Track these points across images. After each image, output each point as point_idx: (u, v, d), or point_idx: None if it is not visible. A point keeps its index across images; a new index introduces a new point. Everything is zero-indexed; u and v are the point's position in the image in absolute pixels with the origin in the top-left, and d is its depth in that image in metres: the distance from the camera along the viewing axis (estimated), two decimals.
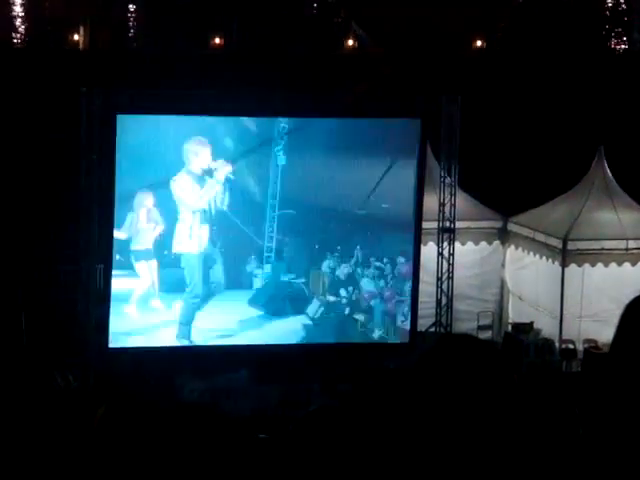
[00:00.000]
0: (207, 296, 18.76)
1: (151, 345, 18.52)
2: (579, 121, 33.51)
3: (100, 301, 18.28)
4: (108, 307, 18.30)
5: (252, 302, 19.13)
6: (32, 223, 23.11)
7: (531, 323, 20.16)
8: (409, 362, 18.80)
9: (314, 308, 19.46)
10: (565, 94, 36.63)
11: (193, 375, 17.99)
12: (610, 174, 20.66)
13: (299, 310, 19.35)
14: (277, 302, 19.29)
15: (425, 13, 51.07)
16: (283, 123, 18.74)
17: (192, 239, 18.50)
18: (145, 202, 18.23)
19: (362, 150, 18.96)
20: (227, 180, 18.43)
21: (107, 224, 18.16)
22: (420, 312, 19.66)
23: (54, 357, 17.92)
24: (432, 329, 20.06)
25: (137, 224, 18.25)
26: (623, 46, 53.90)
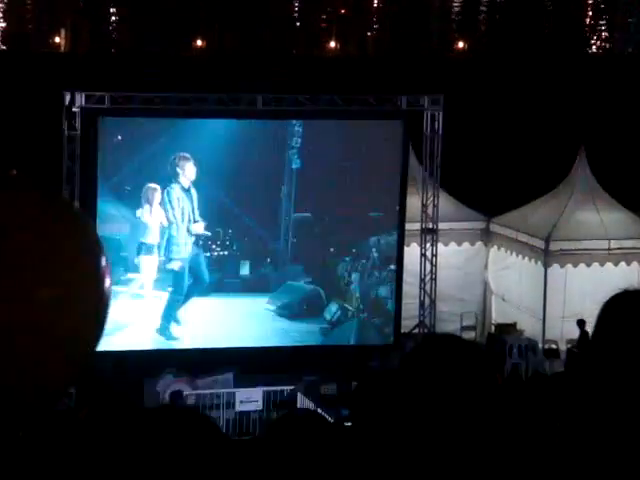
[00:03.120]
0: (189, 295, 18.76)
1: (134, 348, 18.46)
2: (560, 122, 33.63)
3: None
4: None
5: (270, 305, 19.07)
6: None
7: (514, 324, 20.20)
8: (393, 362, 18.82)
9: (331, 311, 19.41)
10: (547, 95, 36.76)
11: (176, 377, 17.94)
12: (592, 174, 20.72)
13: (316, 313, 19.32)
14: (294, 305, 19.26)
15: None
16: (297, 126, 18.78)
17: (185, 245, 18.53)
18: (155, 196, 18.21)
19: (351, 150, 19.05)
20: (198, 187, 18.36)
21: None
22: (403, 313, 19.67)
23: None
24: (416, 330, 20.08)
25: (146, 216, 18.26)
26: (605, 47, 54.13)
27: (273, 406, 17.34)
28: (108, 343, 18.30)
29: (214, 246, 18.85)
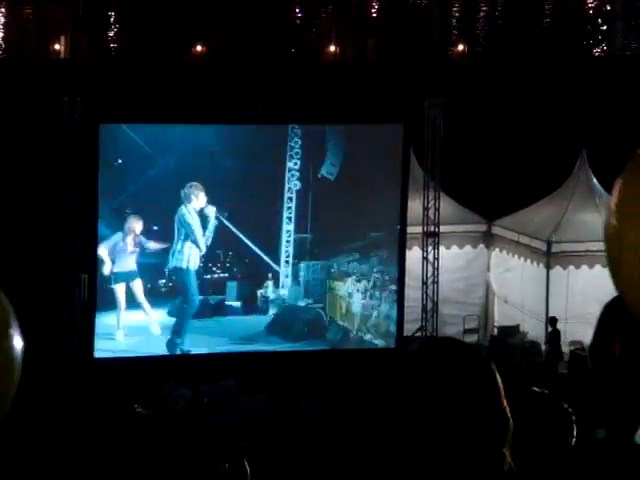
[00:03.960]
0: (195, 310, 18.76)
1: (136, 354, 18.46)
2: (562, 124, 33.61)
3: (85, 311, 18.21)
4: (93, 317, 18.23)
5: (270, 328, 19.04)
6: (13, 233, 23.02)
7: (517, 326, 20.18)
8: (395, 367, 18.81)
9: (333, 334, 19.33)
10: (548, 97, 36.75)
11: (179, 384, 17.92)
12: (593, 176, 20.71)
13: (318, 336, 19.28)
14: (295, 328, 19.19)
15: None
16: (296, 148, 18.76)
17: (189, 261, 18.55)
18: (134, 227, 18.23)
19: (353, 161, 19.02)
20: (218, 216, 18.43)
21: (91, 233, 18.11)
22: (406, 317, 19.65)
23: (39, 367, 17.83)
24: (418, 333, 20.05)
25: (121, 247, 18.24)
26: (605, 49, 54.14)
27: (276, 411, 17.29)
28: (109, 350, 18.35)
29: (214, 268, 18.81)
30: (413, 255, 19.96)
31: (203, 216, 18.43)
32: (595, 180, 20.72)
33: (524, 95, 36.71)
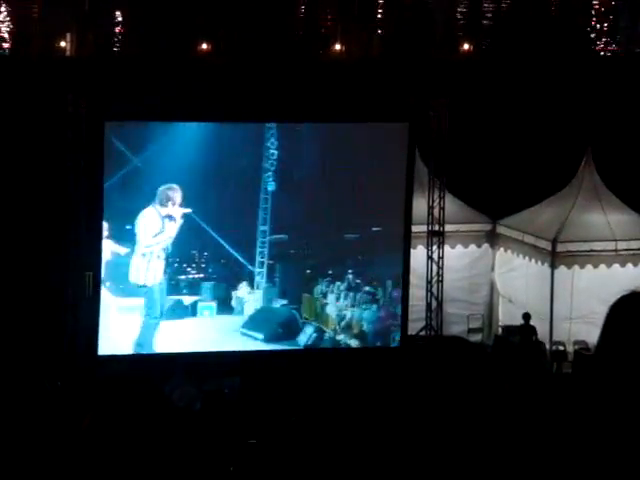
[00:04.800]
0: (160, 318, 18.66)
1: (140, 352, 18.47)
2: (567, 124, 33.58)
3: (89, 308, 18.21)
4: (97, 314, 18.24)
5: (245, 328, 18.95)
6: (18, 231, 23.03)
7: (521, 325, 20.15)
8: (400, 365, 18.79)
9: (307, 334, 19.28)
10: (553, 97, 36.72)
11: (183, 381, 17.92)
12: (598, 176, 20.68)
13: (292, 336, 19.19)
14: (270, 328, 19.13)
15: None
16: (272, 149, 18.70)
17: (149, 271, 18.41)
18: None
19: (351, 159, 18.96)
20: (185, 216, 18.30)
21: (96, 231, 18.11)
22: (410, 315, 19.63)
23: (43, 364, 17.85)
24: (422, 332, 20.04)
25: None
26: (611, 48, 54.07)
27: (282, 408, 17.30)
28: (113, 348, 18.35)
29: (189, 269, 18.71)
30: (418, 254, 19.95)
31: (171, 218, 18.30)
32: (600, 180, 20.69)
33: (529, 94, 36.69)
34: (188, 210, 18.37)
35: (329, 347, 19.33)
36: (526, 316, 19.60)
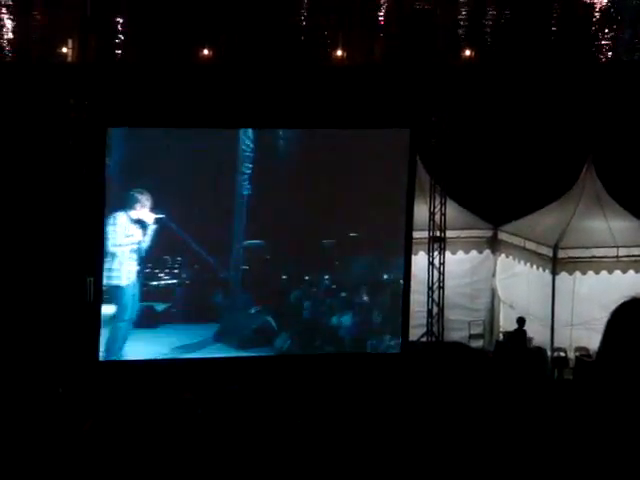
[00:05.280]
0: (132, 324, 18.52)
1: (141, 357, 18.47)
2: (568, 130, 33.58)
3: (91, 313, 18.22)
4: (99, 319, 18.24)
5: (218, 335, 18.72)
6: (21, 235, 23.04)
7: (514, 330, 20.14)
8: (401, 371, 18.79)
9: (282, 341, 19.09)
10: (554, 103, 36.73)
11: (184, 387, 17.92)
12: (599, 182, 20.68)
13: (266, 343, 19.00)
14: (244, 335, 18.89)
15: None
16: (247, 152, 18.58)
17: (122, 272, 18.30)
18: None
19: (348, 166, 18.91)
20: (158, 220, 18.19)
21: (97, 236, 18.12)
22: (411, 322, 19.64)
23: (44, 369, 17.85)
24: (423, 338, 20.04)
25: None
26: (612, 55, 54.13)
27: (279, 416, 17.30)
28: (112, 354, 18.35)
29: (162, 274, 18.48)
30: (419, 260, 19.95)
31: (141, 222, 18.14)
32: (601, 186, 20.69)
33: (531, 100, 36.69)
34: (160, 215, 18.18)
35: (304, 353, 19.14)
36: (520, 320, 19.64)
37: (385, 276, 19.49)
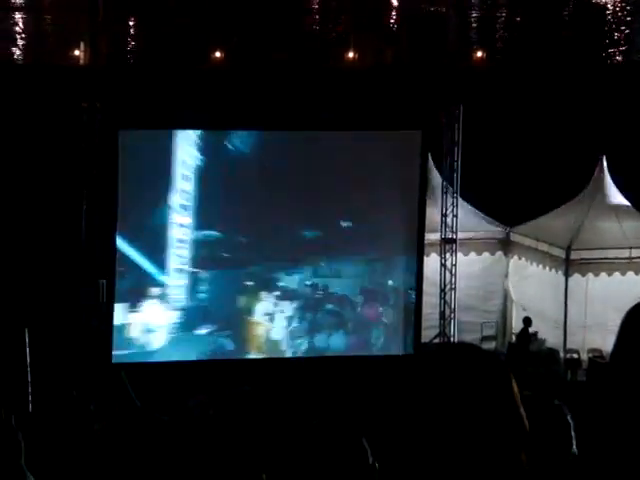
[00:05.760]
0: None
1: (154, 359, 18.48)
2: (581, 131, 33.48)
3: (103, 315, 18.26)
4: (111, 321, 18.27)
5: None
6: (34, 238, 23.09)
7: (535, 333, 20.11)
8: (411, 373, 18.75)
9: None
10: (567, 104, 36.62)
11: (195, 389, 17.93)
12: (612, 183, 20.63)
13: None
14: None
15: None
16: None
17: None
18: None
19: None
20: None
21: (110, 238, 18.15)
22: (424, 323, 19.61)
23: (58, 371, 17.89)
24: (436, 340, 20.01)
25: None
26: (625, 55, 53.97)
27: (289, 419, 17.26)
28: (124, 355, 18.37)
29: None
30: (431, 262, 19.92)
31: None
32: (614, 187, 20.64)
33: (543, 101, 36.60)
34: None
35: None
36: (526, 320, 19.63)
37: (390, 282, 17.86)
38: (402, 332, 17.99)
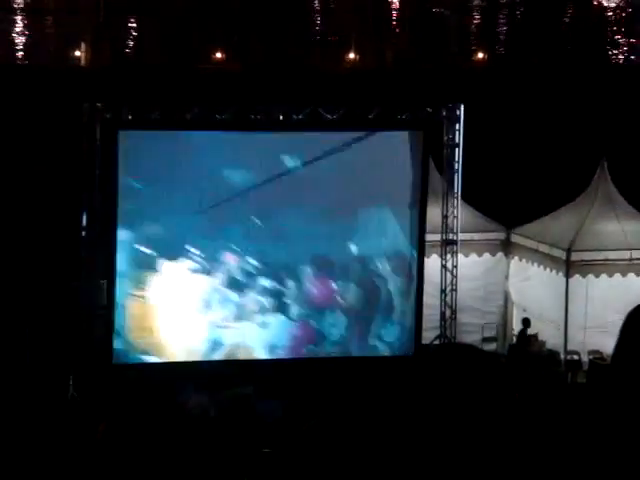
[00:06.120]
0: None
1: (155, 360, 18.47)
2: (582, 132, 33.49)
3: (103, 317, 18.25)
4: (112, 323, 18.26)
5: None
6: (35, 239, 23.10)
7: (536, 335, 20.10)
8: (412, 374, 18.75)
9: None
10: (568, 105, 36.63)
11: (197, 389, 17.92)
12: (613, 185, 20.62)
13: None
14: None
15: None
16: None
17: None
18: None
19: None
20: None
21: (110, 240, 18.14)
22: (424, 324, 19.60)
23: (58, 373, 17.88)
24: (436, 341, 20.00)
25: None
26: (625, 57, 53.94)
27: (294, 417, 17.28)
28: (128, 356, 18.36)
29: None
30: (432, 263, 19.92)
31: None
32: (615, 189, 20.63)
33: (544, 102, 36.61)
34: None
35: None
36: (525, 321, 19.66)
37: (353, 249, 17.05)
38: (367, 321, 17.33)
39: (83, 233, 18.26)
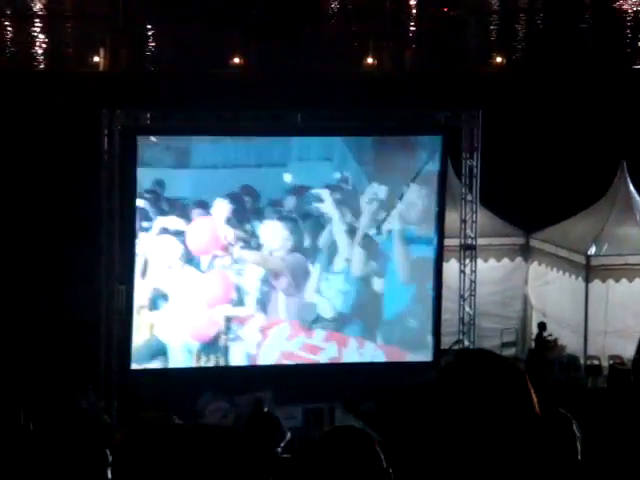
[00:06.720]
0: None
1: (173, 366, 18.48)
2: (601, 136, 33.35)
3: (122, 322, 18.27)
4: (130, 329, 18.27)
5: None
6: (53, 244, 23.16)
7: (555, 340, 20.02)
8: (430, 379, 18.69)
9: None
10: (587, 108, 36.50)
11: (216, 396, 17.92)
12: (633, 189, 20.52)
13: None
14: None
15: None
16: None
17: None
18: None
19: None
20: None
21: (129, 245, 18.17)
22: (443, 330, 19.53)
23: (76, 379, 17.91)
24: (455, 346, 19.94)
25: None
26: None
27: (313, 423, 17.25)
28: (146, 362, 18.38)
29: None
30: (450, 268, 19.85)
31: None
32: (635, 193, 20.53)
33: (562, 106, 36.48)
34: None
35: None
36: (541, 325, 19.58)
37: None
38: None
39: (101, 239, 18.29)
